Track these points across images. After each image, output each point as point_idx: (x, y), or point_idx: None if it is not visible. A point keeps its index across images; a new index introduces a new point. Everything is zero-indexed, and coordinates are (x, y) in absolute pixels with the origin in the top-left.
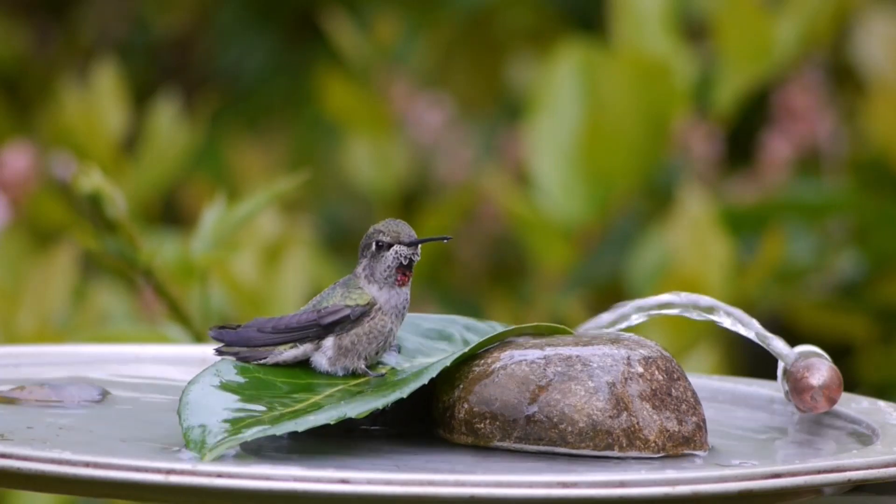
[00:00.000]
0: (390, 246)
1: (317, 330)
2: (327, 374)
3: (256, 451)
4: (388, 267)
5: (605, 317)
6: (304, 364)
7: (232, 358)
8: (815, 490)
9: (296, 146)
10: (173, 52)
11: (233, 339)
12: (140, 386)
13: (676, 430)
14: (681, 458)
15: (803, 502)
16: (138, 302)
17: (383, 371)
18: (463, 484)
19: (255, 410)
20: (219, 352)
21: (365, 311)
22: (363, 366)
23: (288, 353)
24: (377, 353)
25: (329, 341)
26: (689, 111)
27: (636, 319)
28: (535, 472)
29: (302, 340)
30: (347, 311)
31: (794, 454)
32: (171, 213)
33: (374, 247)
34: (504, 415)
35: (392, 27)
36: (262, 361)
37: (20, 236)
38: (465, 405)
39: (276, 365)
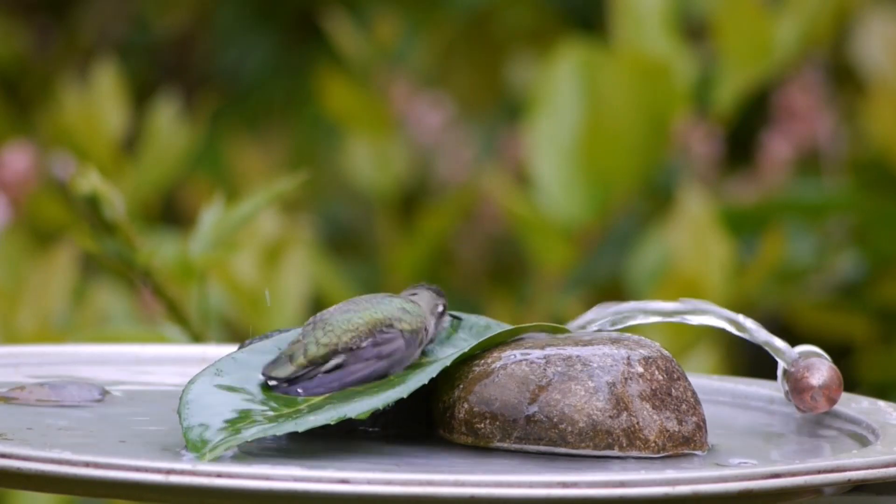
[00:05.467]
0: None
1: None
2: None
3: (256, 451)
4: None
5: (590, 315)
6: None
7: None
8: (815, 490)
9: (296, 146)
10: (173, 52)
11: (296, 391)
12: (140, 386)
13: (676, 430)
14: (681, 458)
15: (803, 502)
16: (138, 302)
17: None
18: (463, 484)
19: (255, 410)
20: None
21: (415, 340)
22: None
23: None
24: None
25: None
26: (689, 111)
27: (628, 323)
28: (535, 472)
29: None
30: (402, 344)
31: (794, 454)
32: (171, 213)
33: (441, 308)
34: (504, 415)
35: (392, 27)
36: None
37: (20, 236)
38: (465, 405)
39: None
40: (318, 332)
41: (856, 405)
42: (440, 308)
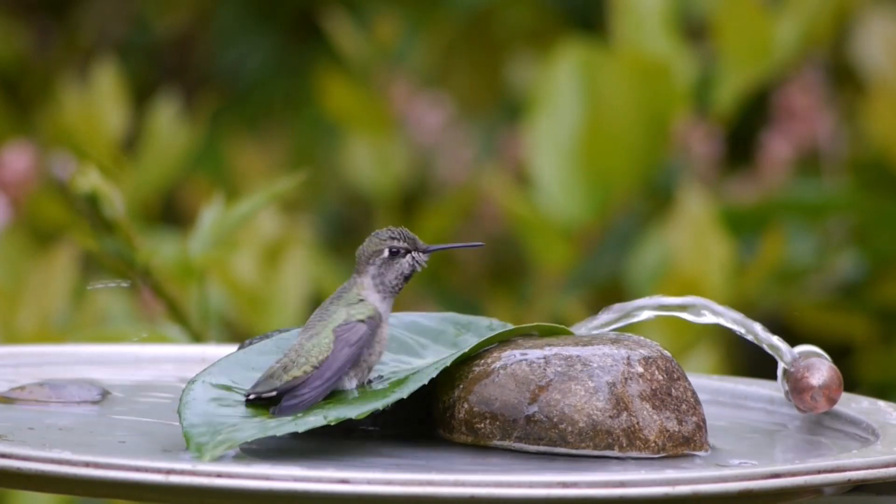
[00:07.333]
0: (407, 252)
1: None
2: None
3: (256, 451)
4: (401, 275)
5: (604, 317)
6: None
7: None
8: (815, 490)
9: (296, 146)
10: (173, 52)
11: (286, 411)
12: (140, 386)
13: (676, 430)
14: (681, 458)
15: (803, 502)
16: (138, 302)
17: (382, 377)
18: (463, 484)
19: (255, 410)
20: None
21: (375, 324)
22: (371, 377)
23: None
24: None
25: None
26: (689, 111)
27: (633, 319)
28: (535, 472)
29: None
30: (364, 328)
31: (794, 454)
32: (171, 213)
33: (386, 254)
34: (504, 414)
35: (392, 27)
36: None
37: (20, 236)
38: (465, 405)
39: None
40: (291, 354)
41: (856, 405)
42: (385, 253)
